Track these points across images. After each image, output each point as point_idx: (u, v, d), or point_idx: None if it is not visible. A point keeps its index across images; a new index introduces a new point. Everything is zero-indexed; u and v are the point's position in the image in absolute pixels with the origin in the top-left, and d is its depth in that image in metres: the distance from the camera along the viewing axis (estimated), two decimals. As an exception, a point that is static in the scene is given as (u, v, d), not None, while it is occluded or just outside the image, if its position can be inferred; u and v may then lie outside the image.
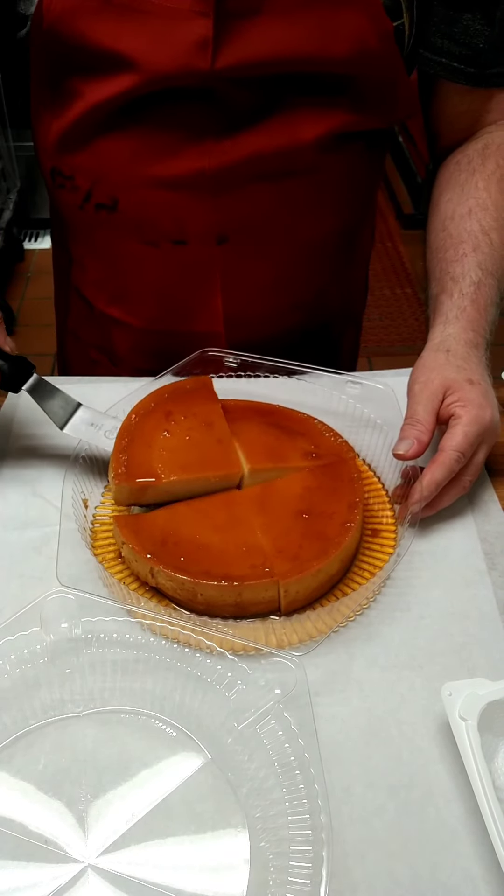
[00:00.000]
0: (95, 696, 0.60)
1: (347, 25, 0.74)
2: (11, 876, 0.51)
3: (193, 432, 0.74)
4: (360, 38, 0.74)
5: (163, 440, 0.73)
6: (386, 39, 0.75)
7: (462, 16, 0.78)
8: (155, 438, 0.73)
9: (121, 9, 0.73)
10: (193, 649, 0.61)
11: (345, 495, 0.70)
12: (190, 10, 0.72)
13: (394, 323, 2.69)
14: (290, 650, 0.63)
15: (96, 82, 0.77)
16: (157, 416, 0.75)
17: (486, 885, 0.51)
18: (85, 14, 0.74)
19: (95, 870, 0.51)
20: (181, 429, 0.74)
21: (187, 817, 0.54)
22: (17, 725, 0.58)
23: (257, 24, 0.73)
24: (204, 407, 0.76)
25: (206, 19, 0.72)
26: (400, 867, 0.52)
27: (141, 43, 0.74)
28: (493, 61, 0.81)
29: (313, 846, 0.50)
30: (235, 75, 0.75)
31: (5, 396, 0.87)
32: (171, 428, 0.74)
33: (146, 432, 0.74)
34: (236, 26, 0.72)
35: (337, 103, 0.79)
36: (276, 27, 0.73)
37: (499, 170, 0.84)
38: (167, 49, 0.73)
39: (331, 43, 0.74)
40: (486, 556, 0.71)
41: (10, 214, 2.87)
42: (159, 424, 0.75)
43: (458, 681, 0.57)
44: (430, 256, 0.86)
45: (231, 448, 0.73)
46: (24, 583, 0.69)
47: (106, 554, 0.70)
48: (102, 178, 0.84)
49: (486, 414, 0.71)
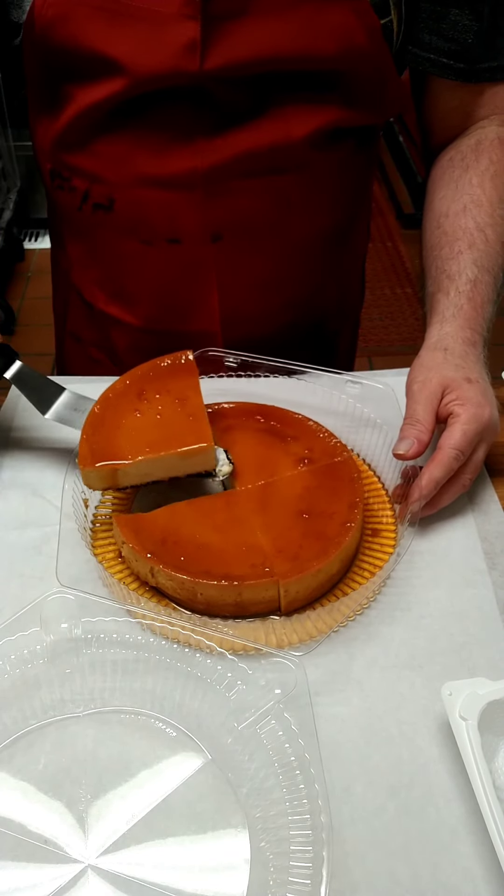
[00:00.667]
0: (95, 696, 0.60)
1: (334, 23, 0.74)
2: (11, 876, 0.51)
3: (165, 409, 0.73)
4: (348, 35, 0.75)
5: (133, 420, 0.72)
6: (374, 36, 0.75)
7: (450, 11, 0.78)
8: (125, 419, 0.72)
9: (111, 14, 0.74)
10: (193, 649, 0.60)
11: (345, 495, 0.70)
12: (178, 13, 0.73)
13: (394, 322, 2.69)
14: (290, 650, 0.63)
15: (88, 86, 0.78)
16: (130, 396, 0.74)
17: (487, 885, 0.51)
18: (76, 19, 0.75)
19: (95, 870, 0.51)
20: (152, 407, 0.73)
21: (187, 817, 0.54)
22: (18, 725, 0.58)
23: (244, 24, 0.73)
24: (179, 382, 0.75)
25: (193, 22, 0.73)
26: (400, 867, 0.52)
27: (130, 47, 0.74)
28: (482, 56, 0.81)
29: (313, 846, 0.50)
30: (225, 75, 0.75)
31: (5, 396, 0.87)
32: (143, 407, 0.73)
33: (118, 413, 0.72)
34: (224, 28, 0.73)
35: (327, 100, 0.79)
36: (264, 27, 0.73)
37: (492, 166, 0.84)
38: (156, 52, 0.74)
39: (318, 41, 0.74)
40: (487, 556, 0.71)
41: (11, 214, 2.87)
42: (131, 404, 0.73)
43: (458, 680, 0.57)
44: (426, 254, 0.85)
45: (202, 422, 0.71)
46: (25, 582, 0.69)
47: (106, 554, 0.70)
48: (99, 178, 0.85)
49: (485, 412, 0.71)
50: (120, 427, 0.71)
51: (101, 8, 0.74)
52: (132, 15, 0.73)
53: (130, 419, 0.72)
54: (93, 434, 0.71)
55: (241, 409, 0.79)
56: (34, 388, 0.76)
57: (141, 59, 0.74)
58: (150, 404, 0.73)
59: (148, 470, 0.70)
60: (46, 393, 0.76)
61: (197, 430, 0.71)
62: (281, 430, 0.77)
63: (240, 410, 0.79)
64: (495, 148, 0.85)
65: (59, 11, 0.75)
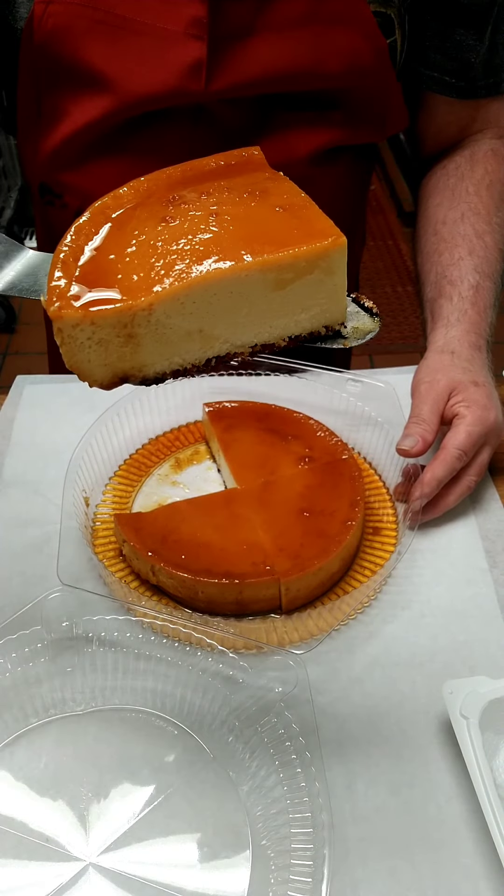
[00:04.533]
0: (96, 694, 0.60)
1: (341, 43, 0.74)
2: (13, 874, 0.51)
3: (228, 207, 0.42)
4: (354, 55, 0.74)
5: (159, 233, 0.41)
6: (380, 56, 0.75)
7: (455, 31, 0.78)
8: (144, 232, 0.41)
9: (113, 29, 0.72)
10: (194, 647, 0.61)
11: (346, 493, 0.70)
12: (184, 32, 0.71)
13: (395, 321, 2.69)
14: (291, 648, 0.63)
15: (85, 102, 0.76)
16: (151, 205, 0.44)
17: (487, 883, 0.51)
18: (77, 32, 0.73)
19: (97, 868, 0.51)
20: (200, 207, 0.42)
21: (188, 815, 0.54)
22: (19, 724, 0.58)
23: (251, 45, 0.72)
24: (247, 177, 0.47)
25: (199, 42, 0.71)
26: (401, 865, 0.52)
27: (130, 64, 0.73)
28: (482, 74, 0.81)
29: (314, 844, 0.50)
30: (229, 96, 0.74)
31: (6, 395, 0.87)
32: (178, 213, 0.42)
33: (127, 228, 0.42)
34: (230, 48, 0.72)
35: (330, 119, 0.79)
36: (270, 47, 0.73)
37: (488, 175, 0.85)
38: (158, 71, 0.73)
39: (325, 61, 0.74)
40: (488, 555, 0.71)
41: (11, 213, 2.87)
42: (153, 214, 0.43)
43: (459, 679, 0.57)
44: (423, 260, 0.86)
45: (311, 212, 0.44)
46: (26, 581, 0.69)
47: (107, 552, 0.70)
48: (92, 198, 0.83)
49: (490, 415, 0.71)
50: (136, 245, 0.40)
51: (102, 22, 0.72)
52: (135, 31, 0.72)
53: (153, 232, 0.41)
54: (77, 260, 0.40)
55: (242, 407, 0.79)
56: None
57: (139, 77, 0.73)
58: (192, 207, 0.42)
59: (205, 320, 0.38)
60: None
61: (305, 224, 0.42)
62: (282, 429, 0.77)
63: (240, 409, 0.79)
64: (489, 159, 0.86)
65: (60, 22, 0.73)
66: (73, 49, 0.74)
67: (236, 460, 0.73)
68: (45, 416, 0.76)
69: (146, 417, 0.81)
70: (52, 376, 0.92)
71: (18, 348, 2.60)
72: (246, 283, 0.37)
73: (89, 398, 0.77)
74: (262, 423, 0.77)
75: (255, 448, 0.75)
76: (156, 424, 0.82)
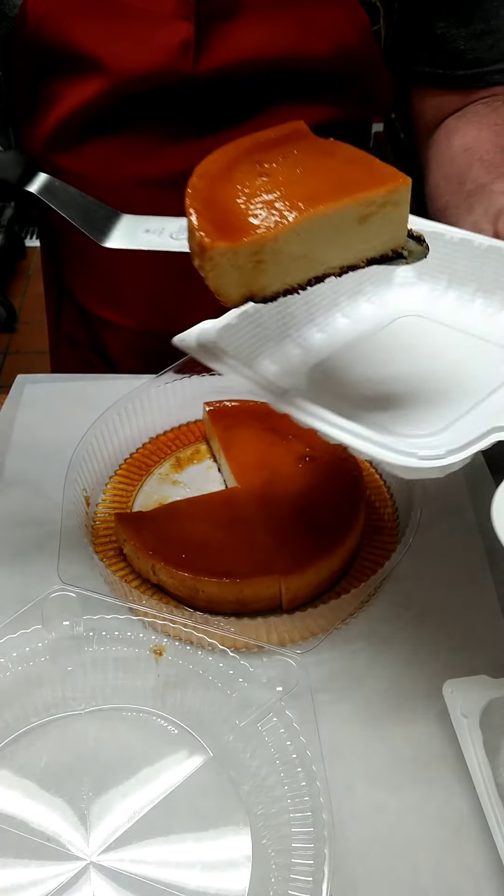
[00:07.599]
0: (97, 693, 0.60)
1: (326, 23, 0.75)
2: (13, 874, 0.51)
3: (309, 163, 0.51)
4: (339, 35, 0.75)
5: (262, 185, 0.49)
6: (364, 35, 0.76)
7: (436, 25, 0.79)
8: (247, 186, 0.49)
9: (104, 11, 0.73)
10: (195, 647, 0.61)
11: (346, 492, 0.70)
12: (171, 13, 0.73)
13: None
14: (291, 647, 0.63)
15: (73, 85, 0.77)
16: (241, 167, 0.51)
17: (488, 882, 0.51)
18: (68, 16, 0.74)
19: (97, 867, 0.51)
20: (286, 164, 0.51)
21: (189, 815, 0.54)
22: (19, 723, 0.58)
23: (237, 25, 0.73)
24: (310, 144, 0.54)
25: (187, 22, 0.72)
26: (402, 864, 0.52)
27: (120, 46, 0.74)
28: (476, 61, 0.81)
29: (315, 843, 0.50)
30: (217, 76, 0.75)
31: (6, 395, 0.87)
32: (269, 170, 0.50)
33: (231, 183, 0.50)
34: (217, 28, 0.73)
35: (318, 99, 0.80)
36: (256, 28, 0.74)
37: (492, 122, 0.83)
38: (148, 52, 0.74)
39: (310, 41, 0.75)
40: (488, 553, 0.71)
41: (12, 212, 2.87)
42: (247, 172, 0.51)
43: (459, 678, 0.57)
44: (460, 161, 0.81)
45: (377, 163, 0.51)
46: (26, 580, 0.69)
47: (107, 551, 0.70)
48: (89, 180, 0.84)
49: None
50: (245, 194, 0.49)
51: (92, 5, 0.73)
52: (124, 14, 0.73)
53: (256, 185, 0.49)
54: (206, 207, 0.48)
55: (243, 407, 0.79)
56: (76, 207, 0.57)
57: (129, 58, 0.74)
58: (279, 165, 0.51)
59: (311, 247, 0.48)
60: (95, 213, 0.57)
61: (376, 170, 0.50)
62: (282, 428, 0.77)
63: (241, 408, 0.79)
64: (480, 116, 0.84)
65: (52, 7, 0.74)
66: (65, 32, 0.75)
67: (237, 459, 0.73)
68: (46, 415, 0.76)
69: (146, 416, 0.81)
70: (53, 375, 0.92)
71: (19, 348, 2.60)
72: (342, 216, 0.48)
73: (90, 398, 0.77)
74: (263, 422, 0.77)
75: (256, 447, 0.75)
76: (156, 423, 0.82)
